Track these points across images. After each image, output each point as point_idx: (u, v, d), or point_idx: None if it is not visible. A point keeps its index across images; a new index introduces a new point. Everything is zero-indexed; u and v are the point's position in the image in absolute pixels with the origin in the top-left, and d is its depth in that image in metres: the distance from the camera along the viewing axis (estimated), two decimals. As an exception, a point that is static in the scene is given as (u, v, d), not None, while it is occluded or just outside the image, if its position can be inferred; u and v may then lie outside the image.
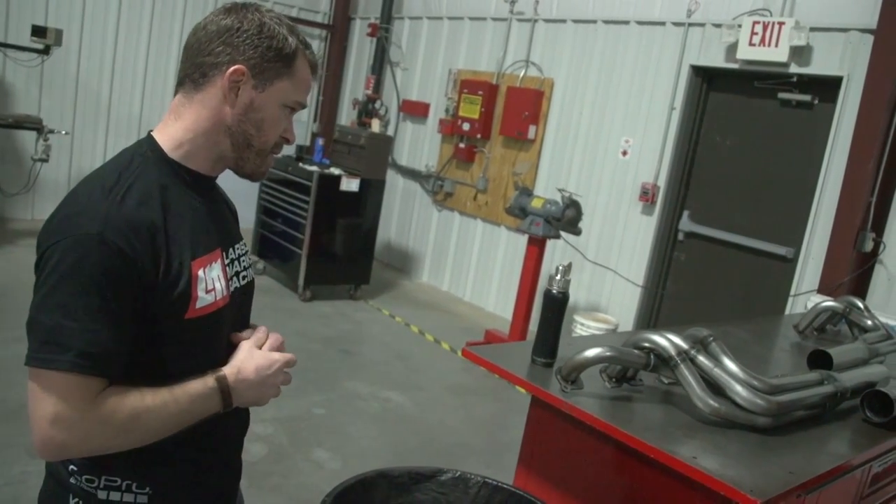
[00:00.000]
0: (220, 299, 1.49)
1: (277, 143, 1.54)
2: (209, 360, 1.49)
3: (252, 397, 1.52)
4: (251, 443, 4.29)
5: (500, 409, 5.43)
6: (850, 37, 5.45)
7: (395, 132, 9.51)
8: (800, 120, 5.88)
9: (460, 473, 2.03)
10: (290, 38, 1.47)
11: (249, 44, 1.43)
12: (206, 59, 1.44)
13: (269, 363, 1.53)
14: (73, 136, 8.51)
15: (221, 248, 1.54)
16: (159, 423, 1.37)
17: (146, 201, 1.37)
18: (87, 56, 8.65)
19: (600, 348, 2.14)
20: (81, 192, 1.37)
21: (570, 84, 7.45)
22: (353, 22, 10.54)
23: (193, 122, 1.46)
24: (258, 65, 1.45)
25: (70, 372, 1.26)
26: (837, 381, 2.39)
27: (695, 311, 6.44)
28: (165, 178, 1.43)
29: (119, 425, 1.33)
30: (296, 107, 1.54)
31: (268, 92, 1.47)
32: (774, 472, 1.95)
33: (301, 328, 6.56)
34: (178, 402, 1.39)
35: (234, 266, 1.59)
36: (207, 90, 1.45)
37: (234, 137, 1.48)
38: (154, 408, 1.36)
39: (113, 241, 1.29)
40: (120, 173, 1.39)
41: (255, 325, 1.66)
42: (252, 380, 1.50)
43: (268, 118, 1.49)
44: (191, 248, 1.43)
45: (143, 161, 1.43)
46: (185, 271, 1.40)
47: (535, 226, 6.26)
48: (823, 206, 5.56)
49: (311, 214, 7.26)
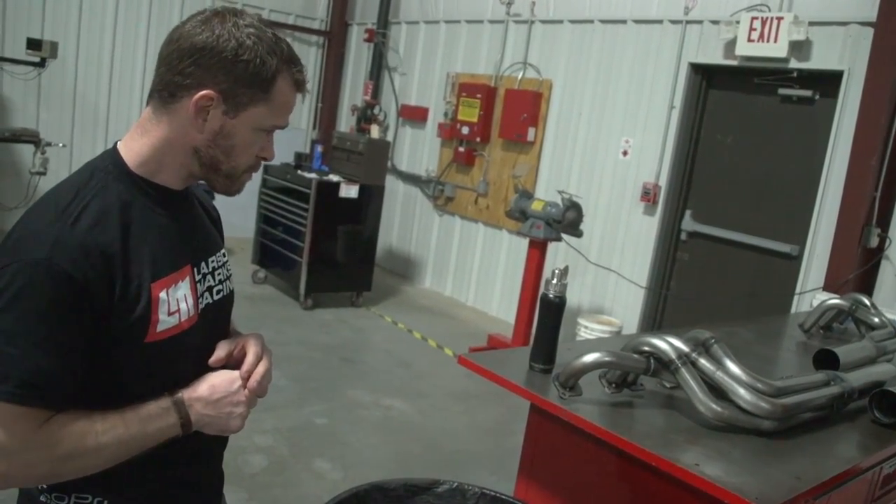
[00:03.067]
0: (186, 320, 1.42)
1: (253, 164, 1.46)
2: (173, 383, 1.43)
3: (211, 419, 1.44)
4: (251, 454, 4.26)
5: (504, 415, 5.37)
6: (849, 30, 5.39)
7: (395, 137, 9.48)
8: (801, 115, 5.82)
9: (457, 485, 1.98)
10: (270, 60, 1.35)
11: (221, 68, 1.33)
12: (176, 78, 1.35)
13: (227, 381, 1.46)
14: (70, 148, 8.48)
15: (192, 263, 1.48)
16: (111, 448, 1.32)
17: (102, 222, 1.31)
18: (83, 68, 8.63)
19: (599, 353, 2.09)
20: (35, 213, 1.32)
21: (568, 85, 7.40)
22: (350, 28, 10.52)
23: (159, 140, 1.39)
24: (229, 90, 1.35)
25: (9, 402, 1.22)
26: (844, 381, 2.33)
27: (699, 311, 6.38)
28: (128, 195, 1.37)
29: (65, 454, 1.28)
30: (272, 130, 1.45)
31: (240, 118, 1.38)
32: (780, 477, 1.89)
33: (302, 336, 6.51)
34: (128, 425, 1.33)
35: (207, 280, 1.52)
36: (175, 110, 1.37)
37: (202, 160, 1.41)
38: (103, 433, 1.30)
39: (61, 267, 1.24)
40: (77, 191, 1.33)
41: (246, 337, 1.57)
42: (205, 396, 1.43)
43: (239, 144, 1.41)
44: (151, 270, 1.36)
45: (104, 177, 1.37)
46: (143, 294, 1.34)
47: (535, 228, 6.20)
48: (827, 202, 5.49)
49: (310, 222, 7.21)
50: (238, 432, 1.50)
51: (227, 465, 1.70)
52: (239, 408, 1.47)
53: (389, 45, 9.58)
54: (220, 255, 1.60)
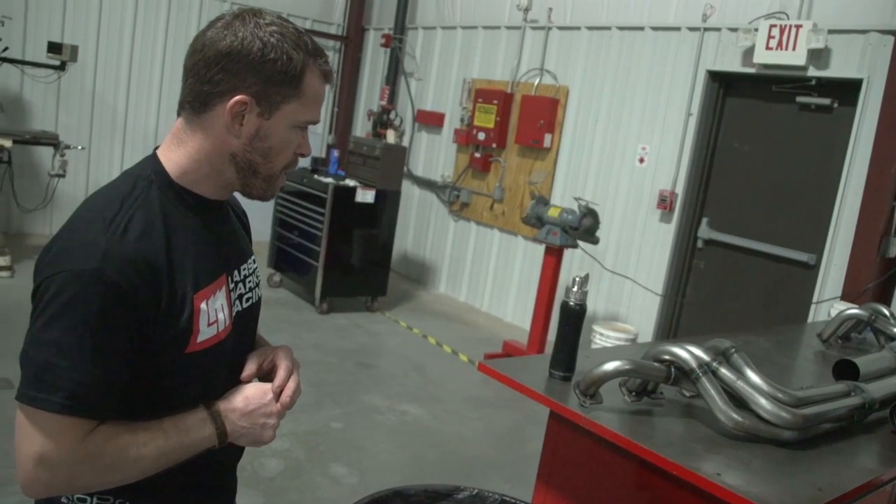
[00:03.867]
0: (223, 330, 1.44)
1: (291, 161, 1.47)
2: (209, 390, 1.45)
3: (246, 430, 1.46)
4: (267, 458, 4.28)
5: (519, 422, 5.37)
6: (869, 38, 5.37)
7: (411, 143, 9.50)
8: (819, 124, 5.79)
9: (477, 492, 1.98)
10: (296, 55, 1.36)
11: (250, 70, 1.33)
12: (206, 87, 1.36)
13: (260, 393, 1.49)
14: (89, 151, 8.55)
15: (227, 273, 1.49)
16: (151, 459, 1.33)
17: (148, 233, 1.32)
18: (102, 71, 8.70)
19: (619, 361, 2.09)
20: (81, 222, 1.32)
21: (585, 91, 7.40)
22: (367, 33, 10.55)
23: (196, 150, 1.40)
24: (262, 91, 1.35)
25: (59, 413, 1.23)
26: (865, 392, 2.32)
27: (715, 319, 6.36)
28: (169, 205, 1.38)
29: (108, 465, 1.30)
30: (307, 125, 1.45)
31: (275, 118, 1.38)
32: (801, 488, 1.88)
33: (318, 341, 6.53)
34: (167, 436, 1.35)
35: (239, 288, 1.54)
36: (209, 119, 1.38)
37: (239, 166, 1.41)
38: (144, 444, 1.32)
39: (111, 278, 1.24)
40: (122, 201, 1.33)
41: (275, 350, 1.59)
42: (240, 408, 1.45)
43: (276, 144, 1.41)
44: (193, 281, 1.38)
45: (147, 186, 1.37)
46: (187, 306, 1.36)
47: (552, 235, 6.20)
48: (845, 211, 5.47)
49: (326, 226, 7.24)
50: (269, 444, 1.52)
51: (242, 468, 1.73)
52: (272, 419, 1.49)
53: (406, 50, 9.61)
54: (251, 262, 1.62)
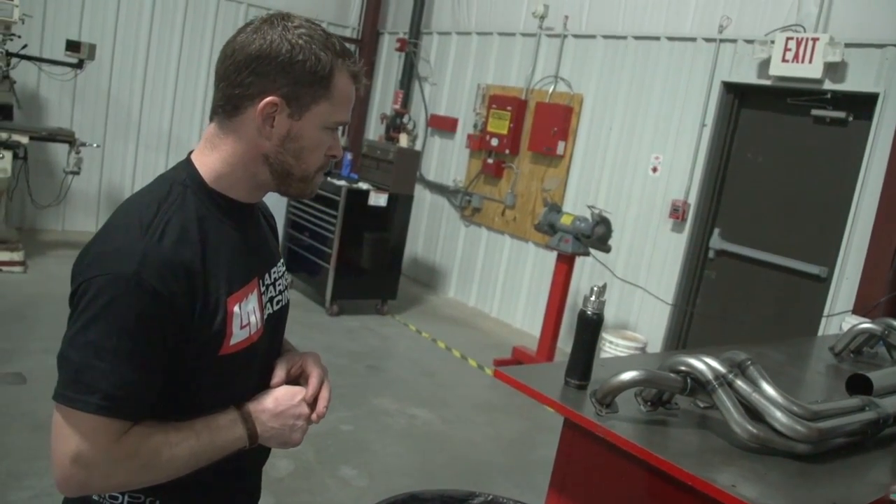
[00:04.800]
0: (255, 333, 1.46)
1: (323, 163, 1.48)
2: (242, 392, 1.48)
3: (276, 431, 1.48)
4: (278, 459, 4.29)
5: (527, 427, 5.38)
6: (886, 52, 5.37)
7: (423, 147, 9.52)
8: (834, 137, 5.79)
9: (492, 497, 2.00)
10: (325, 55, 1.37)
11: (280, 72, 1.35)
12: (237, 91, 1.37)
13: (289, 395, 1.51)
14: (103, 149, 8.61)
15: (258, 276, 1.51)
16: (183, 459, 1.36)
17: (184, 238, 1.34)
18: (118, 70, 8.75)
19: (636, 371, 2.10)
20: (119, 225, 1.34)
21: (599, 100, 7.41)
22: (382, 37, 10.58)
23: (230, 154, 1.42)
24: (292, 92, 1.37)
25: (95, 414, 1.25)
26: (879, 406, 2.33)
27: (725, 330, 6.36)
28: (204, 210, 1.40)
29: (142, 465, 1.32)
30: (339, 126, 1.47)
31: (305, 119, 1.40)
32: (815, 501, 1.90)
33: (328, 343, 6.55)
34: (199, 437, 1.37)
35: (269, 292, 1.56)
36: (241, 122, 1.39)
37: (273, 168, 1.43)
38: (177, 445, 1.34)
39: (149, 282, 1.26)
40: (159, 206, 1.35)
41: (304, 357, 1.62)
42: (270, 409, 1.47)
43: (308, 145, 1.43)
44: (227, 284, 1.40)
45: (182, 191, 1.40)
46: (220, 309, 1.38)
47: (564, 242, 6.21)
48: (858, 225, 5.47)
49: (338, 229, 7.27)
50: (298, 446, 1.54)
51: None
52: (300, 421, 1.51)
53: (420, 55, 9.64)
54: (280, 266, 1.64)
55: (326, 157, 1.48)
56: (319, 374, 1.58)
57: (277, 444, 1.51)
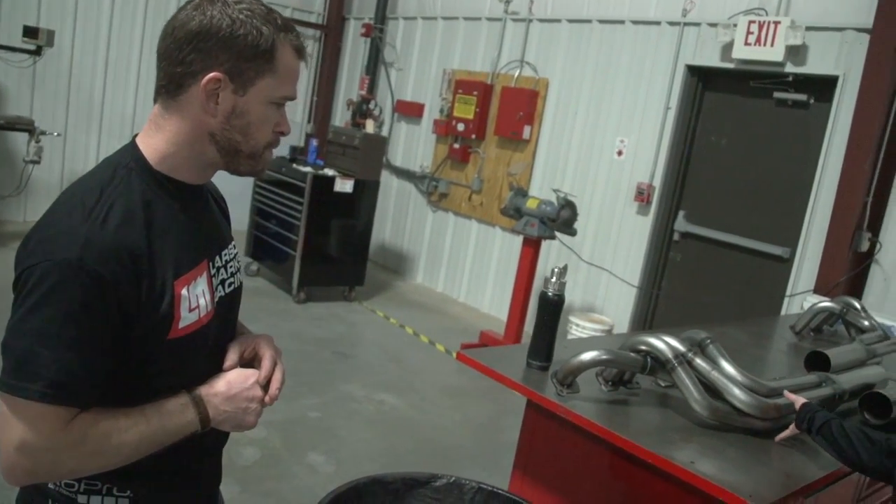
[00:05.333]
0: (205, 315, 1.44)
1: (272, 140, 1.46)
2: (192, 376, 1.46)
3: (229, 414, 1.46)
4: (244, 446, 4.28)
5: (495, 411, 5.40)
6: (845, 36, 5.43)
7: (390, 133, 9.49)
8: (795, 119, 5.86)
9: (455, 479, 2.00)
10: (266, 29, 1.36)
11: (221, 48, 1.33)
12: (179, 69, 1.35)
13: (242, 377, 1.50)
14: (65, 137, 8.46)
15: (208, 258, 1.49)
16: (133, 445, 1.34)
17: (128, 221, 1.31)
18: (79, 57, 8.59)
19: (596, 352, 2.12)
20: (61, 211, 1.32)
21: (564, 84, 7.42)
22: (348, 22, 10.51)
23: (175, 134, 1.40)
24: (235, 67, 1.35)
25: (40, 401, 1.23)
26: (836, 383, 2.37)
27: (690, 311, 6.42)
28: (150, 193, 1.38)
29: (90, 451, 1.30)
30: (285, 101, 1.44)
31: (250, 94, 1.38)
32: (773, 476, 1.92)
33: (295, 330, 6.53)
34: (149, 422, 1.35)
35: (220, 274, 1.54)
36: (185, 101, 1.37)
37: (220, 145, 1.41)
38: (126, 430, 1.33)
39: (92, 267, 1.24)
40: (102, 190, 1.33)
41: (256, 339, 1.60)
42: (223, 392, 1.46)
43: (254, 121, 1.40)
44: (174, 267, 1.38)
45: (127, 174, 1.37)
46: (167, 292, 1.36)
47: (530, 226, 6.23)
48: (819, 206, 5.54)
49: (305, 216, 7.23)
50: (252, 429, 1.52)
51: (219, 457, 1.73)
52: (254, 403, 1.49)
53: (386, 41, 9.58)
54: (231, 248, 1.61)
55: (275, 133, 1.46)
56: (272, 356, 1.56)
57: (231, 427, 1.50)
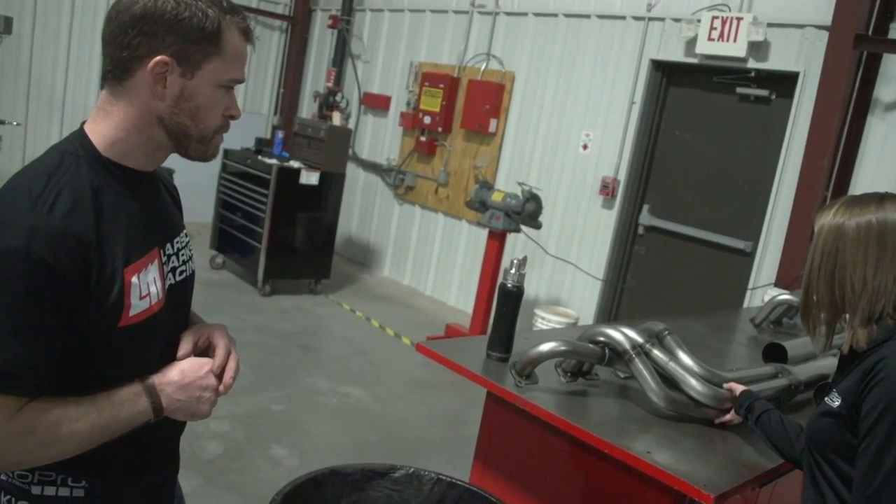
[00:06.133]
0: (156, 303, 1.43)
1: (222, 124, 1.45)
2: (144, 365, 1.44)
3: (182, 403, 1.46)
4: (207, 440, 4.25)
5: (460, 404, 5.41)
6: (806, 33, 5.50)
7: (357, 125, 9.44)
8: (758, 115, 5.92)
9: (414, 470, 2.01)
10: (211, 11, 1.35)
11: (167, 30, 1.32)
12: (124, 53, 1.33)
13: (196, 366, 1.49)
14: (25, 127, 8.32)
15: (159, 246, 1.48)
16: (84, 435, 1.32)
17: (76, 209, 1.30)
18: (39, 45, 8.45)
19: (554, 343, 2.13)
20: (7, 199, 1.29)
21: (530, 78, 7.44)
22: (314, 13, 10.44)
23: (123, 119, 1.38)
24: (181, 50, 1.34)
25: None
26: (792, 374, 2.40)
27: (655, 304, 6.48)
28: (98, 180, 1.36)
29: (39, 441, 1.29)
30: (233, 84, 1.43)
31: (198, 77, 1.37)
32: (728, 465, 1.95)
33: (260, 323, 6.49)
34: (100, 411, 1.34)
35: (171, 262, 1.52)
36: (132, 85, 1.36)
37: (170, 129, 1.40)
38: (77, 419, 1.31)
39: (39, 255, 1.22)
40: (49, 176, 1.31)
41: (210, 329, 1.59)
42: (176, 381, 1.45)
43: (203, 104, 1.39)
44: (124, 255, 1.36)
45: (74, 161, 1.35)
46: (117, 280, 1.34)
47: (495, 220, 6.24)
48: (781, 200, 5.61)
49: (270, 208, 7.17)
50: (206, 418, 1.51)
51: (181, 450, 1.71)
52: (207, 392, 1.49)
53: (353, 33, 9.53)
54: (183, 236, 1.60)
55: (224, 117, 1.45)
56: (226, 345, 1.55)
57: (184, 416, 1.49)
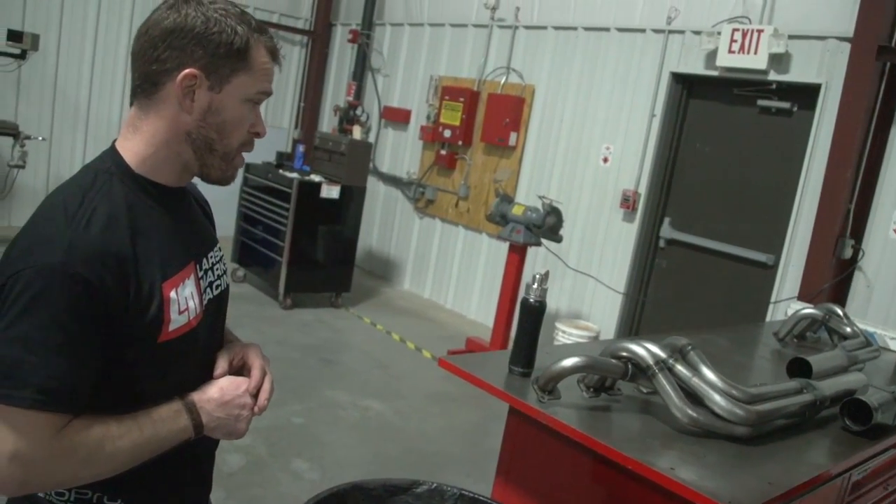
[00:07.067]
0: (194, 318, 1.44)
1: (246, 140, 1.46)
2: (183, 381, 1.45)
3: (221, 421, 1.46)
4: (229, 453, 4.26)
5: (481, 418, 5.39)
6: (827, 45, 5.47)
7: (377, 139, 9.49)
8: (779, 127, 5.89)
9: (437, 485, 2.00)
10: (241, 28, 1.37)
11: (196, 44, 1.34)
12: (154, 66, 1.35)
13: (234, 385, 1.50)
14: (50, 142, 8.42)
15: (195, 261, 1.49)
16: (126, 453, 1.33)
17: (112, 225, 1.31)
18: (64, 61, 8.56)
19: (577, 358, 2.12)
20: (43, 217, 1.31)
21: (550, 91, 7.45)
22: (335, 28, 10.51)
23: (152, 134, 1.39)
24: (210, 64, 1.36)
25: (30, 409, 1.22)
26: (817, 389, 2.38)
27: (676, 318, 6.44)
28: (132, 196, 1.37)
29: (83, 459, 1.29)
30: (259, 98, 1.45)
31: (226, 91, 1.38)
32: (753, 482, 1.93)
33: (281, 336, 6.51)
34: (142, 429, 1.34)
35: (208, 276, 1.54)
36: (161, 99, 1.37)
37: (196, 144, 1.40)
38: (119, 438, 1.31)
39: (77, 271, 1.23)
40: (84, 195, 1.32)
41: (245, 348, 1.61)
42: (216, 398, 1.46)
43: (230, 119, 1.41)
44: (161, 270, 1.37)
45: (108, 179, 1.36)
46: (156, 295, 1.35)
47: (515, 233, 6.24)
48: (803, 213, 5.57)
49: (291, 222, 7.21)
50: (242, 437, 1.52)
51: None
52: (245, 411, 1.50)
53: (373, 47, 9.59)
54: (217, 250, 1.62)
55: (249, 133, 1.46)
56: (262, 366, 1.57)
57: (222, 434, 1.50)
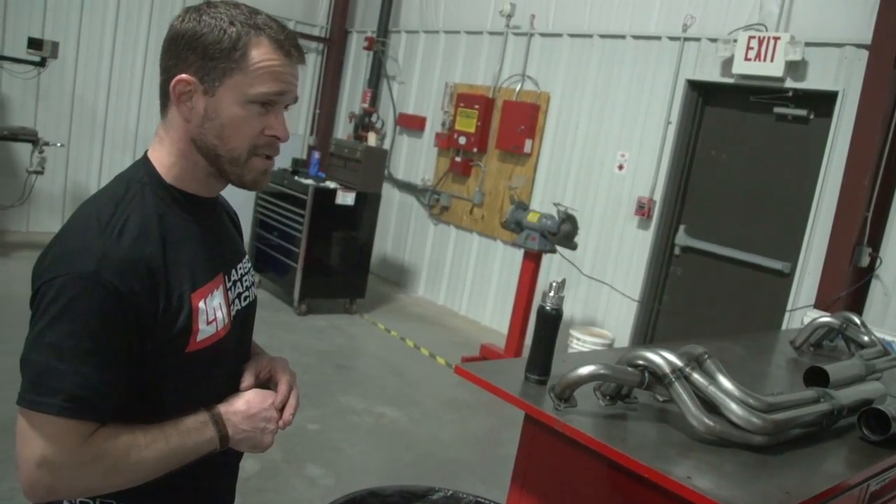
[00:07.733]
0: (222, 328, 1.45)
1: (264, 143, 1.40)
2: (210, 392, 1.46)
3: (247, 434, 1.47)
4: (244, 459, 4.25)
5: (495, 424, 5.39)
6: (845, 52, 5.45)
7: (392, 146, 9.51)
8: (796, 134, 5.87)
9: (452, 493, 2.01)
10: (233, 28, 1.33)
11: (189, 50, 1.34)
12: (163, 77, 1.38)
13: (260, 398, 1.51)
14: (68, 148, 8.50)
15: (224, 272, 1.50)
16: (152, 462, 1.33)
17: (144, 234, 1.32)
18: (83, 68, 8.65)
19: (594, 366, 2.12)
20: (77, 226, 1.32)
21: (566, 98, 7.45)
22: (350, 35, 10.56)
23: (172, 144, 1.41)
24: (201, 68, 1.34)
25: (59, 416, 1.23)
26: (834, 398, 2.37)
27: (691, 325, 6.42)
28: (163, 206, 1.38)
29: (109, 467, 1.29)
30: (265, 99, 1.37)
31: (219, 94, 1.35)
32: (770, 492, 1.92)
33: (296, 342, 6.53)
34: (168, 439, 1.35)
35: (236, 288, 1.54)
36: (171, 109, 1.39)
37: (203, 151, 1.39)
38: (146, 447, 1.32)
39: (109, 280, 1.24)
40: (116, 204, 1.33)
41: (272, 362, 1.62)
42: (242, 411, 1.46)
43: (227, 122, 1.36)
44: (191, 280, 1.38)
45: (140, 188, 1.38)
46: (185, 305, 1.36)
47: (530, 240, 6.24)
48: (820, 221, 5.55)
49: (306, 228, 7.24)
50: (267, 450, 1.53)
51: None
52: (271, 424, 1.51)
53: (389, 54, 9.62)
54: (245, 262, 1.62)
55: (266, 137, 1.41)
56: (288, 381, 1.58)
57: (248, 447, 1.50)
